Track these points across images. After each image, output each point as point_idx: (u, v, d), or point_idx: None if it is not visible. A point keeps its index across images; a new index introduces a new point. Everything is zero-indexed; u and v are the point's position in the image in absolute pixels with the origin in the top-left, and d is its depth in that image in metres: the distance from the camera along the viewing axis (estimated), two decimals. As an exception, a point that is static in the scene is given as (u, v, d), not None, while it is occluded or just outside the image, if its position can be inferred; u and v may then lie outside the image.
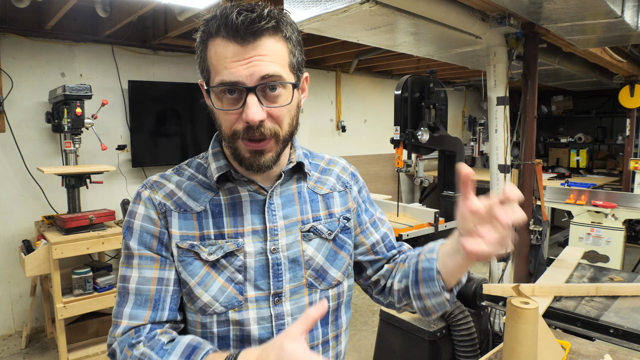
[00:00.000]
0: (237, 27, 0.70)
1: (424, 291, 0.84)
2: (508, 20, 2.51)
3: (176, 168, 0.88)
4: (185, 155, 4.06)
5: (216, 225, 0.81)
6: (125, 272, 0.80)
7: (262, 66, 0.71)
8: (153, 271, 0.79)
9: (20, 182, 3.38)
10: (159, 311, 0.78)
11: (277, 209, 0.84)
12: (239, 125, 0.74)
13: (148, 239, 0.80)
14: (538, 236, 2.85)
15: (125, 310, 0.78)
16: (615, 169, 6.40)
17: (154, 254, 0.80)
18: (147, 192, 0.83)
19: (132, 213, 0.82)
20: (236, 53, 0.71)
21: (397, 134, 2.66)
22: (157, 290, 0.79)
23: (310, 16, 2.13)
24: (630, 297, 1.65)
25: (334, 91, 5.50)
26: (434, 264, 0.82)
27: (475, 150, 6.77)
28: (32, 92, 3.38)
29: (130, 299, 0.78)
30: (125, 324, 0.77)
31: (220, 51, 0.72)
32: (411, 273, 0.87)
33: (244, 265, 0.80)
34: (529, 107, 2.84)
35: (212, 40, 0.73)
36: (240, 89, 0.72)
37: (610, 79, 5.11)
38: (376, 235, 0.98)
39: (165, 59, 4.05)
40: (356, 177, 1.00)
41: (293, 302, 0.83)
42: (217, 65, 0.73)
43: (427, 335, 2.01)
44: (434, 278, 0.82)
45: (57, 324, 2.69)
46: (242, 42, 0.71)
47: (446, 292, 0.82)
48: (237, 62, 0.71)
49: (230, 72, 0.71)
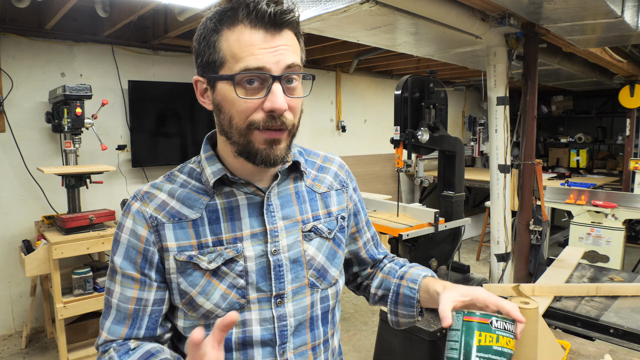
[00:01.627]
0: (269, 15, 0.70)
1: (401, 312, 0.94)
2: (508, 20, 2.51)
3: (167, 175, 0.86)
4: (185, 155, 4.06)
5: (213, 232, 0.80)
6: (110, 286, 0.82)
7: (288, 55, 0.72)
8: (133, 291, 0.80)
9: (20, 182, 3.38)
10: (135, 329, 0.80)
11: (276, 210, 0.83)
12: (258, 116, 0.73)
13: (133, 254, 0.80)
14: (538, 236, 2.85)
15: (107, 324, 0.81)
16: (615, 169, 6.40)
17: (135, 274, 0.80)
18: (137, 204, 0.81)
19: (120, 226, 0.82)
20: (264, 40, 0.71)
21: (397, 134, 2.66)
22: (135, 310, 0.80)
23: (310, 16, 2.12)
24: (630, 297, 1.65)
25: (334, 91, 5.50)
26: (416, 295, 0.91)
27: (475, 150, 6.77)
28: (32, 92, 3.38)
29: (112, 313, 0.81)
30: (104, 337, 0.81)
31: (245, 38, 0.71)
32: (392, 293, 0.95)
33: (245, 270, 0.79)
34: (529, 107, 2.84)
35: (232, 28, 0.72)
36: (264, 76, 0.72)
37: (610, 79, 5.11)
38: (368, 234, 1.04)
39: (165, 59, 4.05)
40: (351, 176, 1.01)
41: (295, 303, 0.83)
42: (241, 52, 0.71)
43: (427, 335, 2.01)
44: (413, 306, 0.91)
45: (57, 324, 2.69)
46: (272, 30, 0.71)
47: (419, 316, 0.92)
48: (264, 50, 0.71)
49: (257, 58, 0.70)
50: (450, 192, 2.77)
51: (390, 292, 0.95)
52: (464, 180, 2.84)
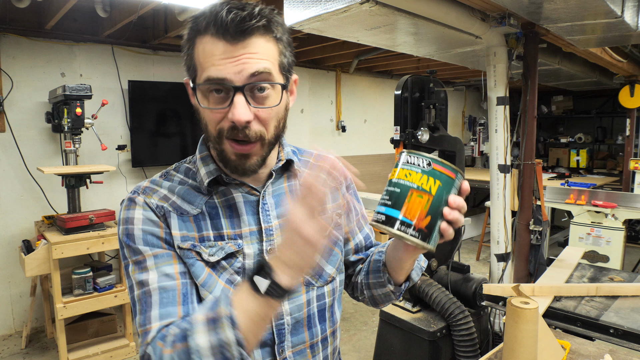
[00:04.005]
0: (227, 25, 0.69)
1: (371, 281, 0.91)
2: (508, 20, 2.51)
3: (164, 174, 0.85)
4: (185, 155, 4.03)
5: (215, 227, 0.80)
6: (141, 277, 0.74)
7: (252, 64, 0.70)
8: (173, 266, 0.75)
9: (20, 182, 3.38)
10: (189, 305, 0.73)
11: (271, 209, 0.84)
12: (225, 124, 0.73)
13: (154, 240, 0.76)
14: (538, 236, 2.85)
15: (153, 314, 0.71)
16: (615, 169, 6.40)
17: (168, 251, 0.76)
18: (141, 197, 0.79)
19: (128, 219, 0.77)
20: (225, 51, 0.70)
21: (397, 134, 2.66)
22: (183, 284, 0.74)
23: (310, 16, 2.12)
24: (630, 297, 1.65)
25: (334, 91, 5.50)
26: (382, 257, 0.89)
27: (475, 150, 6.77)
28: (32, 92, 3.38)
29: (155, 301, 0.72)
30: (158, 326, 0.70)
31: (208, 49, 0.71)
32: (365, 264, 0.95)
33: (242, 267, 0.80)
34: (529, 107, 2.84)
35: (200, 37, 0.72)
36: (227, 87, 0.71)
37: (610, 79, 5.11)
38: (360, 235, 1.02)
39: (165, 59, 4.05)
40: (345, 174, 1.00)
41: (291, 301, 0.83)
42: (205, 63, 0.71)
43: (427, 335, 2.01)
44: (380, 270, 0.88)
45: (57, 324, 2.69)
46: (232, 41, 0.70)
47: (391, 285, 0.87)
48: (225, 60, 0.70)
49: (218, 69, 0.70)
50: (450, 192, 2.76)
51: (365, 265, 0.95)
52: (463, 180, 2.83)
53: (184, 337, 0.64)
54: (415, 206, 0.68)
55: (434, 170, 0.70)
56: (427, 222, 0.68)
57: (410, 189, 0.69)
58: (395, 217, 0.69)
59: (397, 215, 0.69)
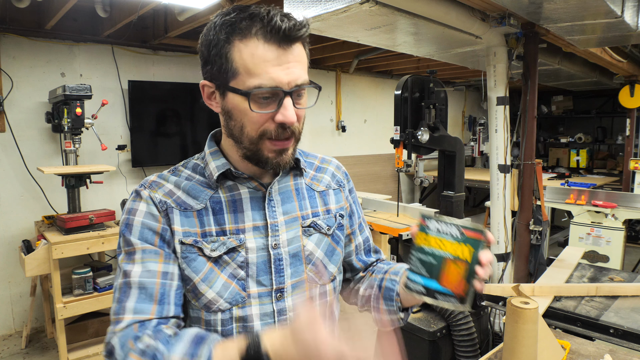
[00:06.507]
0: (283, 31, 0.72)
1: (382, 307, 0.93)
2: (508, 20, 2.51)
3: (172, 169, 0.88)
4: (185, 155, 4.05)
5: (217, 222, 0.82)
6: (127, 267, 0.77)
7: (299, 73, 0.76)
8: (157, 264, 0.77)
9: (20, 182, 3.38)
10: (165, 305, 0.76)
11: (277, 205, 0.86)
12: (270, 126, 0.77)
13: (149, 235, 0.79)
14: (538, 236, 2.85)
15: (129, 305, 0.74)
16: (615, 169, 6.40)
17: (157, 248, 0.79)
18: (146, 191, 0.82)
19: (131, 210, 0.80)
20: (277, 56, 0.73)
21: (397, 134, 2.66)
22: (162, 284, 0.77)
23: (310, 16, 2.12)
24: (630, 297, 1.65)
25: (334, 91, 5.50)
26: (396, 287, 0.91)
27: (475, 150, 6.76)
28: (32, 92, 3.38)
29: (134, 293, 0.75)
30: (130, 318, 0.73)
31: (259, 53, 0.73)
32: (375, 287, 0.96)
33: (245, 261, 0.81)
34: (529, 107, 2.84)
35: (244, 40, 0.73)
36: (277, 92, 0.75)
37: (610, 79, 5.11)
38: (359, 238, 1.04)
39: (165, 59, 4.05)
40: (348, 177, 1.04)
41: (295, 298, 0.84)
42: (255, 68, 0.73)
43: (427, 335, 2.01)
44: (393, 299, 0.91)
45: (57, 324, 2.69)
46: (284, 46, 0.74)
47: (401, 312, 0.91)
48: (277, 67, 0.73)
49: (271, 77, 0.73)
50: (450, 192, 2.77)
51: (374, 287, 0.96)
52: (464, 180, 2.84)
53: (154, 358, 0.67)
54: (452, 276, 0.72)
55: (467, 238, 0.73)
56: (465, 288, 0.72)
57: (446, 259, 0.73)
58: (435, 289, 0.73)
59: (436, 287, 0.73)
